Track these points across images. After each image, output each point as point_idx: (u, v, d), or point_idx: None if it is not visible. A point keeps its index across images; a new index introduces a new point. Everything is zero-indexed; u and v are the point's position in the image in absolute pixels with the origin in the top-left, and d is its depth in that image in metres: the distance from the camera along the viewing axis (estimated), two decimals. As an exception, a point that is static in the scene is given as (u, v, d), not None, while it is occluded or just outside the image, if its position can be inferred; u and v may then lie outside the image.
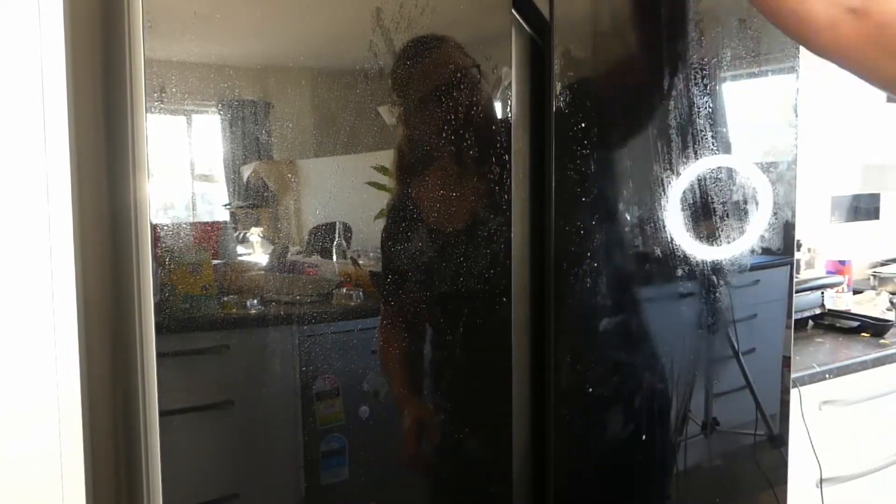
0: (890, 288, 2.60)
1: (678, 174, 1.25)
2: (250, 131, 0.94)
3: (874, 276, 2.74)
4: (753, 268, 1.37)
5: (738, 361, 1.38)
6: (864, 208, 2.91)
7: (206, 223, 0.95)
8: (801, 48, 1.39)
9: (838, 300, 2.27)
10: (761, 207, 1.36)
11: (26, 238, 0.84)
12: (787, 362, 1.46)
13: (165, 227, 0.89)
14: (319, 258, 1.00)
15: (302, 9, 0.96)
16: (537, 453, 1.19)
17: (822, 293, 2.19)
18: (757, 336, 1.40)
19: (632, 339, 1.24)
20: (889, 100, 2.88)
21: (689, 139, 1.26)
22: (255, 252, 0.97)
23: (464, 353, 1.09)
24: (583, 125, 1.14)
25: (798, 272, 2.41)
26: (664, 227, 1.24)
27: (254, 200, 0.96)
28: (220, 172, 0.95)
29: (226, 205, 0.95)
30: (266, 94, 0.95)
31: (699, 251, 1.29)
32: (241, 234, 0.96)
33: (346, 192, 1.00)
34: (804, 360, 1.79)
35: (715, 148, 1.29)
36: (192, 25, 0.87)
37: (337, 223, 1.00)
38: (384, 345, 1.03)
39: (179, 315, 0.89)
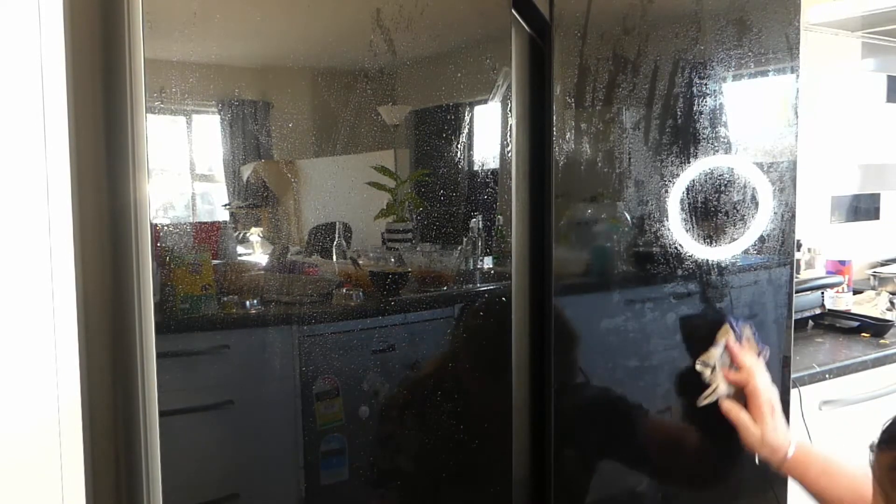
0: (890, 288, 2.59)
1: (678, 174, 1.25)
2: (250, 131, 0.94)
3: (874, 276, 2.74)
4: (754, 268, 1.37)
5: (738, 361, 1.38)
6: (863, 208, 2.90)
7: (206, 223, 0.95)
8: (802, 48, 1.40)
9: (838, 300, 2.27)
10: (761, 207, 1.36)
11: (26, 238, 0.84)
12: (787, 362, 1.45)
13: (165, 227, 0.89)
14: (319, 258, 1.00)
15: (302, 9, 0.96)
16: (537, 453, 1.19)
17: (822, 293, 2.19)
18: (757, 336, 1.40)
19: (631, 338, 1.24)
20: (889, 100, 2.88)
21: (689, 139, 1.26)
22: (255, 252, 0.97)
23: (464, 352, 1.09)
24: (583, 125, 1.14)
25: (798, 272, 2.41)
26: (664, 227, 1.24)
27: (254, 200, 0.96)
28: (220, 172, 0.95)
29: (226, 205, 0.95)
30: (266, 94, 0.95)
31: (699, 251, 1.29)
32: (241, 234, 0.96)
33: (346, 192, 1.00)
34: (804, 360, 1.78)
35: (715, 148, 1.29)
36: (192, 25, 0.87)
37: (337, 223, 1.00)
38: None
39: (179, 315, 0.89)
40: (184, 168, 0.91)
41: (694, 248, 1.28)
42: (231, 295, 0.93)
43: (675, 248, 1.26)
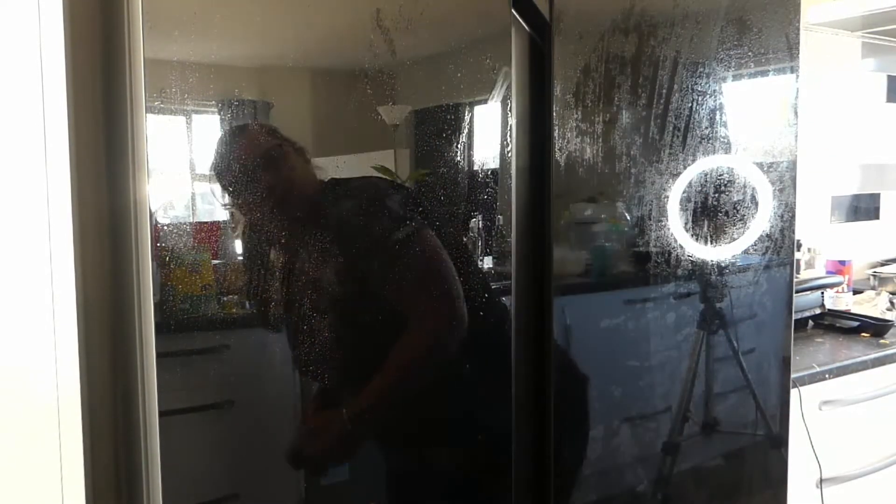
0: (890, 288, 2.59)
1: (678, 174, 1.25)
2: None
3: (874, 276, 2.74)
4: (754, 268, 1.37)
5: (738, 361, 1.38)
6: (863, 208, 2.90)
7: (206, 223, 0.95)
8: (802, 48, 1.40)
9: (838, 300, 2.27)
10: (761, 207, 1.36)
11: (26, 239, 0.84)
12: (787, 362, 1.45)
13: (165, 227, 0.89)
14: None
15: (302, 9, 0.96)
16: (537, 453, 1.19)
17: (822, 293, 2.18)
18: (757, 336, 1.40)
19: (631, 338, 1.24)
20: (889, 100, 2.88)
21: (689, 139, 1.26)
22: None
23: (464, 353, 1.08)
24: (583, 125, 1.14)
25: (798, 272, 2.41)
26: (664, 227, 1.24)
27: (254, 200, 0.96)
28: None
29: (226, 205, 0.95)
30: (266, 94, 0.95)
31: (699, 251, 1.29)
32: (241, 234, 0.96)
33: (346, 192, 1.00)
34: (804, 360, 1.78)
35: (715, 148, 1.29)
36: (192, 25, 0.87)
37: (337, 223, 1.00)
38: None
39: (179, 315, 0.89)
40: (184, 168, 0.91)
41: (694, 247, 1.28)
42: (231, 295, 0.93)
43: (675, 247, 1.26)
